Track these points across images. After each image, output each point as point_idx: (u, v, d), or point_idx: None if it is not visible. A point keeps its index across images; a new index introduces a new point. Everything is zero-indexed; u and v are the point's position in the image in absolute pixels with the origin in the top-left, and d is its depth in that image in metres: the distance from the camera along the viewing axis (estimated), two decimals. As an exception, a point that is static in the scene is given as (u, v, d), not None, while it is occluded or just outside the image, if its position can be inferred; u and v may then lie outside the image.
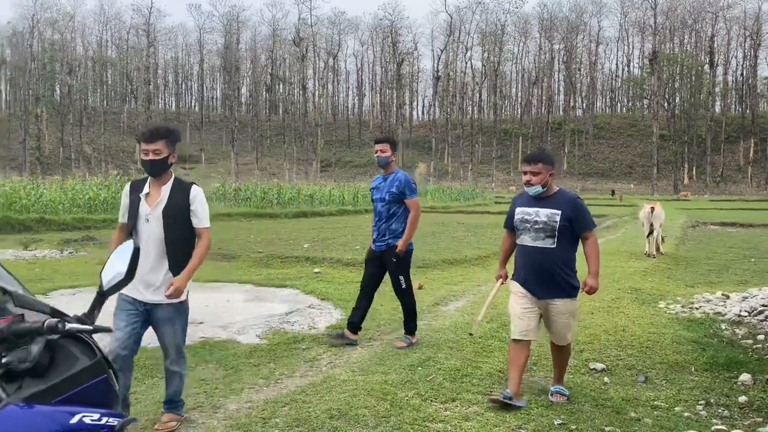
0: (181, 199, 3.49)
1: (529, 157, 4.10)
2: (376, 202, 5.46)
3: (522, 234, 4.07)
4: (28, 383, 1.59)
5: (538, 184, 4.00)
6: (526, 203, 4.11)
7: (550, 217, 3.96)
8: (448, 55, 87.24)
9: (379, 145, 5.46)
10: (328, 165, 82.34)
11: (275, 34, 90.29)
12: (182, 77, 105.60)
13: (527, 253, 4.04)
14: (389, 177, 5.41)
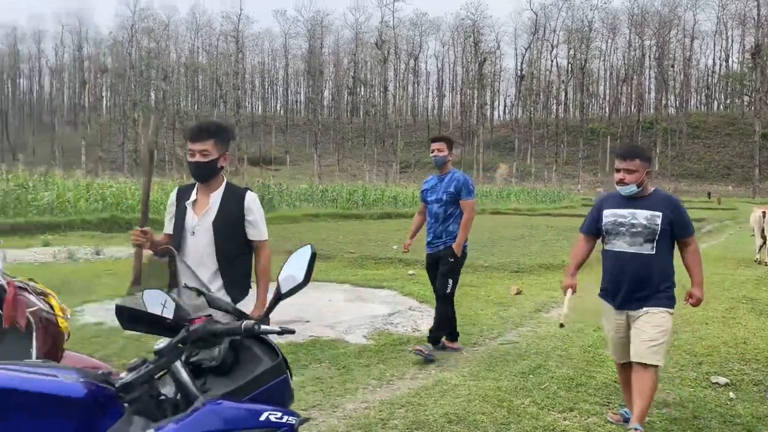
0: (234, 207, 2.98)
1: (624, 153, 3.64)
2: (431, 204, 5.24)
3: (614, 239, 3.64)
4: (212, 380, 1.68)
5: (634, 183, 3.57)
6: (617, 204, 3.68)
7: (650, 220, 3.54)
8: (532, 54, 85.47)
9: (436, 144, 5.25)
10: (407, 166, 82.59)
11: (358, 37, 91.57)
12: (268, 82, 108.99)
13: (622, 259, 3.60)
14: (446, 177, 5.22)
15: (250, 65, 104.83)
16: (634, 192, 3.60)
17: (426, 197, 5.31)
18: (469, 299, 7.55)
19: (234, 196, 3.01)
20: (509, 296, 7.85)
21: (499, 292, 8.11)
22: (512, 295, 7.88)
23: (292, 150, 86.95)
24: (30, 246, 11.35)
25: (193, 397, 1.56)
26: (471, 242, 5.59)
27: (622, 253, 3.60)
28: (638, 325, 3.57)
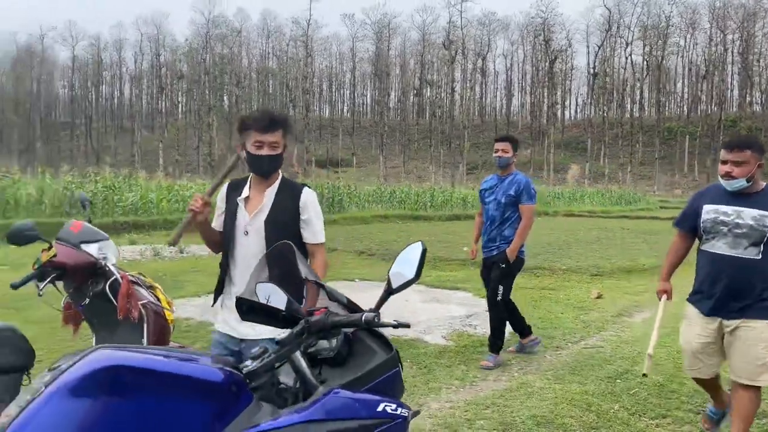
0: (289, 204, 2.64)
1: (732, 143, 3.20)
2: (488, 204, 5.00)
3: (713, 239, 3.23)
4: (327, 371, 1.73)
5: (743, 177, 3.11)
6: (719, 200, 3.25)
7: (760, 221, 3.10)
8: (605, 51, 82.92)
9: (501, 144, 5.00)
10: (474, 167, 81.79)
11: (425, 38, 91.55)
12: (335, 85, 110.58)
13: (721, 263, 3.20)
14: (507, 178, 4.98)
15: (318, 69, 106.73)
16: (743, 187, 3.15)
17: (484, 198, 5.10)
18: (548, 302, 7.42)
19: (290, 193, 2.66)
20: (589, 300, 7.66)
21: (579, 296, 7.93)
22: (593, 299, 7.68)
23: (359, 152, 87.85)
24: (118, 244, 11.97)
25: (311, 387, 1.62)
26: (546, 244, 5.52)
27: (722, 256, 3.20)
28: (738, 338, 3.17)
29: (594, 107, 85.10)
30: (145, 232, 14.07)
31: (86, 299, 2.75)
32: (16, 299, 5.10)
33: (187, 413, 1.36)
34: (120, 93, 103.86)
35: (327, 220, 15.69)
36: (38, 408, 1.23)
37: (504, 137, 5.10)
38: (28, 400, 1.27)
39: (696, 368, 3.39)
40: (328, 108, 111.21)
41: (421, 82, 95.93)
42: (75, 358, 1.34)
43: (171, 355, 1.49)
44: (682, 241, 3.54)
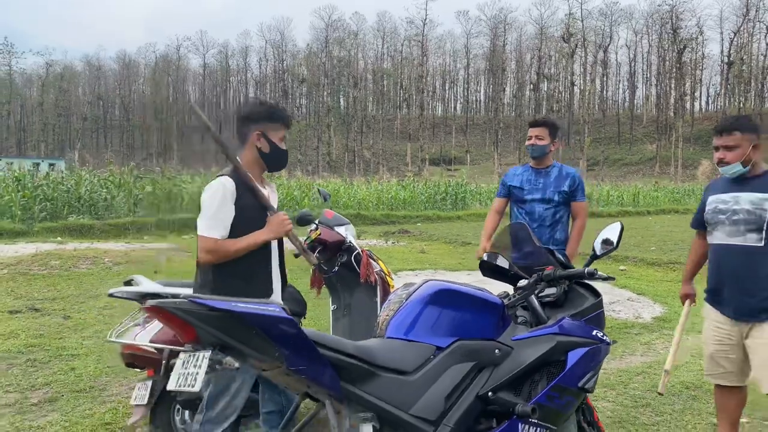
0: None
1: (720, 127, 3.01)
2: (532, 203, 4.17)
3: (714, 229, 3.04)
4: (549, 311, 2.50)
5: (737, 162, 2.92)
6: (722, 189, 3.08)
7: (757, 204, 2.89)
8: (741, 38, 77.13)
9: (536, 130, 4.23)
10: (595, 164, 79.13)
11: (542, 32, 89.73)
12: (449, 83, 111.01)
13: (720, 254, 3.03)
14: (550, 171, 4.25)
15: (432, 67, 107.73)
16: (741, 172, 2.95)
17: (522, 195, 4.22)
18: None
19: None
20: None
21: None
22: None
23: (472, 150, 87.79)
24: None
25: (542, 320, 2.40)
26: (680, 241, 5.69)
27: (722, 246, 3.01)
28: (755, 344, 2.89)
29: (728, 98, 79.39)
30: (292, 226, 15.56)
31: (336, 267, 3.71)
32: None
33: (484, 320, 2.19)
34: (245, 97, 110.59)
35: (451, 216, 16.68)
36: (410, 306, 2.12)
37: (540, 121, 4.33)
38: (396, 307, 2.15)
39: (716, 373, 3.08)
40: (440, 106, 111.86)
41: (538, 77, 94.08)
42: (415, 285, 2.21)
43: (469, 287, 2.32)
44: (699, 240, 3.30)
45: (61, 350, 5.01)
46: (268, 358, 1.76)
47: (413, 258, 10.60)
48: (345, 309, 3.80)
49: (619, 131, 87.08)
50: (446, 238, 13.59)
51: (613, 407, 3.95)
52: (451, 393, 2.01)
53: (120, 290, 3.11)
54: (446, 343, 2.07)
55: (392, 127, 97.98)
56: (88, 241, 11.34)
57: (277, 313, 1.75)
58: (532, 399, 2.12)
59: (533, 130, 4.28)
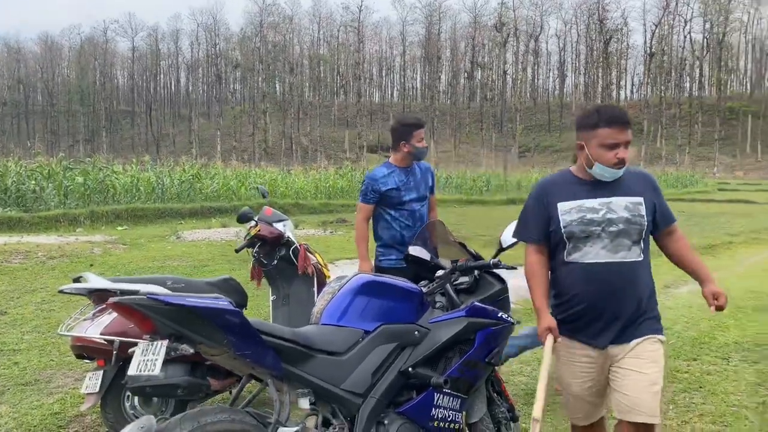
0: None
1: (622, 119, 2.46)
2: (411, 203, 3.99)
3: (587, 245, 2.47)
4: (463, 297, 2.88)
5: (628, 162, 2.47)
6: (578, 194, 2.52)
7: (634, 210, 2.48)
8: (662, 29, 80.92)
9: (423, 131, 4.02)
10: (526, 150, 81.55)
11: (476, 20, 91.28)
12: (386, 70, 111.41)
13: (595, 274, 2.47)
14: (413, 169, 4.07)
15: (369, 54, 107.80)
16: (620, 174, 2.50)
17: (399, 197, 3.98)
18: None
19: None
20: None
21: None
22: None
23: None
24: (210, 227, 13.49)
25: (456, 304, 2.78)
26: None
27: (598, 265, 2.47)
28: (627, 365, 2.48)
29: (651, 87, 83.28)
30: (230, 216, 15.58)
31: (275, 260, 4.00)
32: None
33: (405, 305, 2.54)
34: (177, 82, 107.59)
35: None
36: (341, 296, 2.44)
37: (424, 122, 4.15)
38: (329, 297, 2.46)
39: (581, 415, 2.69)
40: (378, 93, 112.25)
41: (472, 65, 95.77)
42: (346, 277, 2.54)
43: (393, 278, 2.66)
44: (541, 257, 2.65)
45: (2, 345, 5.07)
46: (217, 345, 2.04)
47: (351, 247, 10.91)
48: (284, 299, 4.09)
49: (550, 119, 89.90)
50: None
51: (527, 381, 4.43)
52: (377, 369, 2.35)
53: (70, 287, 3.31)
54: (373, 327, 2.41)
55: (330, 113, 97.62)
56: (17, 234, 11.09)
57: (225, 306, 2.03)
58: (446, 372, 2.50)
59: (422, 131, 4.01)
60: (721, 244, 11.71)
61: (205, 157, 50.64)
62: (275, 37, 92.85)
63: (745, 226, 14.87)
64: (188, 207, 15.91)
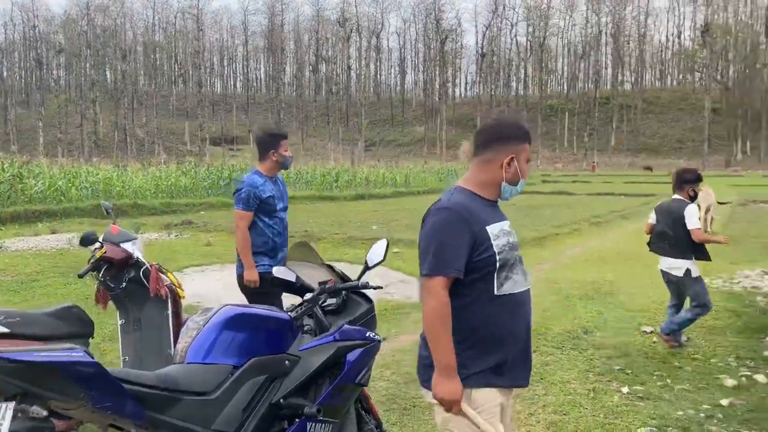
0: None
1: (527, 131, 2.27)
2: (282, 212, 4.21)
3: (514, 273, 2.15)
4: (331, 318, 2.89)
5: None
6: (492, 216, 2.19)
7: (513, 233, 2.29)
8: (492, 31, 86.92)
9: (288, 142, 4.20)
10: (372, 144, 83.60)
11: (319, 14, 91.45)
12: (228, 59, 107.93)
13: (519, 306, 2.19)
14: (277, 179, 4.25)
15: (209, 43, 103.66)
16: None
17: (274, 205, 4.12)
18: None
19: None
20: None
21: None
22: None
23: (255, 129, 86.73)
24: (38, 234, 12.20)
25: (325, 327, 2.78)
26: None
27: (524, 294, 2.21)
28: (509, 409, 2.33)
29: (483, 86, 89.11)
30: (58, 220, 14.20)
31: (123, 283, 3.71)
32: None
33: (274, 335, 2.49)
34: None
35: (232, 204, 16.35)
36: (207, 331, 2.32)
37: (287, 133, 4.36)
38: (194, 333, 2.33)
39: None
40: (220, 83, 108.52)
41: (316, 59, 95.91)
42: (212, 310, 2.42)
43: (260, 308, 2.59)
44: (446, 293, 2.08)
45: None
46: (73, 399, 1.86)
47: (199, 252, 10.48)
48: (134, 323, 3.82)
49: (392, 114, 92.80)
50: (232, 227, 13.49)
51: (387, 385, 4.56)
52: (248, 405, 2.29)
53: None
54: (242, 361, 2.34)
55: (168, 103, 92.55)
56: None
57: (80, 358, 1.85)
58: (318, 399, 2.50)
59: (288, 141, 4.21)
60: (549, 236, 12.87)
61: (26, 151, 45.65)
62: (105, 21, 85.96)
63: (568, 217, 16.47)
64: (9, 211, 14.26)
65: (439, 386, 2.06)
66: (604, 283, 8.25)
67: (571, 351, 5.47)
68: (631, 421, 3.99)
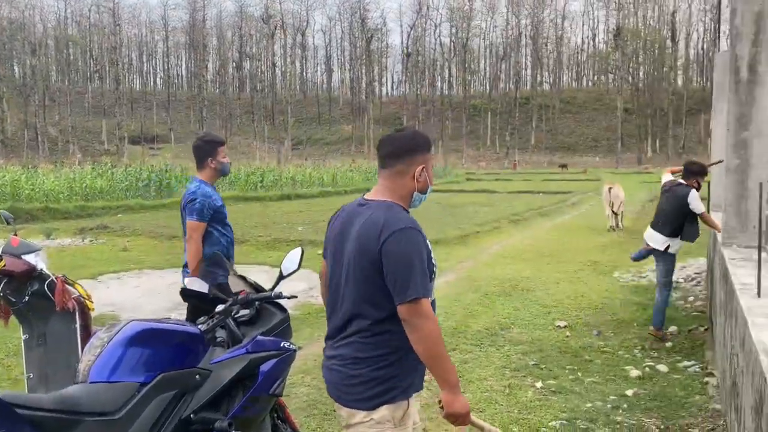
0: None
1: (430, 140, 2.35)
2: (228, 225, 4.20)
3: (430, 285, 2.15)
4: (245, 329, 2.86)
5: None
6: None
7: None
8: (417, 31, 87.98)
9: (225, 149, 4.21)
10: (299, 143, 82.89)
11: (242, 10, 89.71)
12: (147, 55, 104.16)
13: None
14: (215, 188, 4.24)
15: (127, 38, 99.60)
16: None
17: (224, 215, 4.14)
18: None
19: None
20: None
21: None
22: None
23: (176, 127, 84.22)
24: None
25: (238, 338, 2.75)
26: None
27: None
28: None
29: (408, 85, 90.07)
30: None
31: (25, 297, 3.52)
32: None
33: (184, 350, 2.43)
34: None
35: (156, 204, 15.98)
36: (112, 348, 2.24)
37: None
38: (98, 351, 2.25)
39: None
40: (139, 80, 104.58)
41: (240, 56, 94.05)
42: (118, 326, 2.34)
43: (169, 323, 2.52)
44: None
45: None
46: None
47: (115, 257, 10.08)
48: (39, 338, 3.64)
49: (319, 112, 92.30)
50: (151, 231, 13.12)
51: (308, 391, 4.55)
52: (156, 422, 2.24)
53: None
54: (150, 378, 2.28)
55: (83, 101, 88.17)
56: None
57: None
58: (230, 412, 2.47)
59: (224, 147, 4.18)
60: (471, 234, 13.19)
61: None
62: (11, 13, 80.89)
63: (489, 215, 16.92)
64: None
65: (454, 404, 2.08)
66: (521, 280, 8.54)
67: (489, 348, 5.64)
68: (543, 415, 4.17)
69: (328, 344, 2.26)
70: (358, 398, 2.13)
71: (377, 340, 2.10)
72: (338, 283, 2.20)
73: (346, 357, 2.14)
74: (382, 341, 2.10)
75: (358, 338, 2.12)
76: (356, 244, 2.11)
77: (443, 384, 2.07)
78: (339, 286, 2.20)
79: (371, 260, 2.06)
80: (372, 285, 2.08)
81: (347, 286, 2.16)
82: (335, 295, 2.23)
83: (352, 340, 2.13)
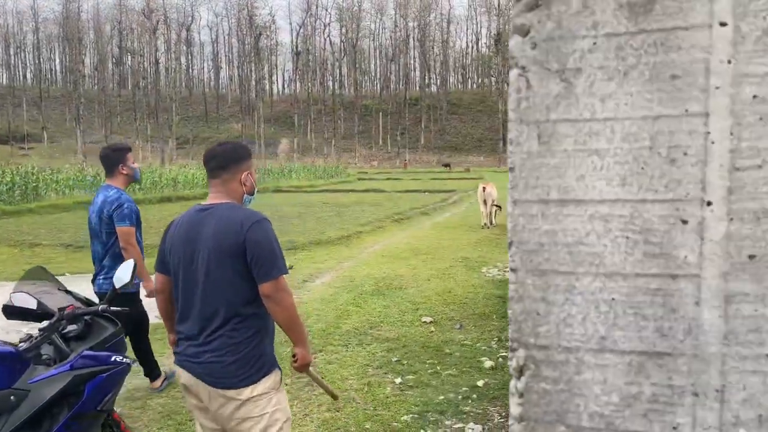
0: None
1: (250, 150, 2.78)
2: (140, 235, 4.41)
3: None
4: (74, 344, 2.79)
5: None
6: None
7: None
8: (306, 30, 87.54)
9: (132, 154, 4.39)
10: (185, 142, 79.91)
11: (121, 3, 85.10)
12: (15, 48, 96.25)
13: None
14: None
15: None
16: None
17: (137, 219, 4.32)
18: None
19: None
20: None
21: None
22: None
23: (50, 125, 78.57)
24: None
25: (65, 354, 2.67)
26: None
27: None
28: None
29: (299, 83, 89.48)
30: None
31: None
32: None
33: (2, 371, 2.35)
34: None
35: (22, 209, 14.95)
36: None
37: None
38: None
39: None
40: (6, 74, 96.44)
41: (120, 50, 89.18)
42: None
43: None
44: None
45: None
46: None
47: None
48: None
49: (207, 110, 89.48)
50: (12, 239, 12.19)
51: (165, 401, 4.46)
52: None
53: None
54: None
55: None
56: None
57: None
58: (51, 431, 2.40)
59: (132, 153, 4.38)
60: (353, 234, 13.38)
61: None
62: None
63: (374, 215, 17.22)
64: None
65: (307, 356, 2.56)
66: (395, 278, 8.79)
67: (357, 347, 5.78)
68: (398, 410, 4.35)
69: (191, 343, 2.45)
70: (242, 378, 2.39)
71: (247, 324, 2.39)
72: (193, 284, 2.42)
73: (222, 347, 2.38)
74: (250, 324, 2.40)
75: (231, 326, 2.37)
76: (213, 242, 2.37)
77: (300, 342, 2.52)
78: (194, 287, 2.42)
79: (234, 252, 2.34)
80: (236, 275, 2.36)
81: (207, 283, 2.38)
82: (189, 296, 2.44)
83: (223, 332, 2.38)
